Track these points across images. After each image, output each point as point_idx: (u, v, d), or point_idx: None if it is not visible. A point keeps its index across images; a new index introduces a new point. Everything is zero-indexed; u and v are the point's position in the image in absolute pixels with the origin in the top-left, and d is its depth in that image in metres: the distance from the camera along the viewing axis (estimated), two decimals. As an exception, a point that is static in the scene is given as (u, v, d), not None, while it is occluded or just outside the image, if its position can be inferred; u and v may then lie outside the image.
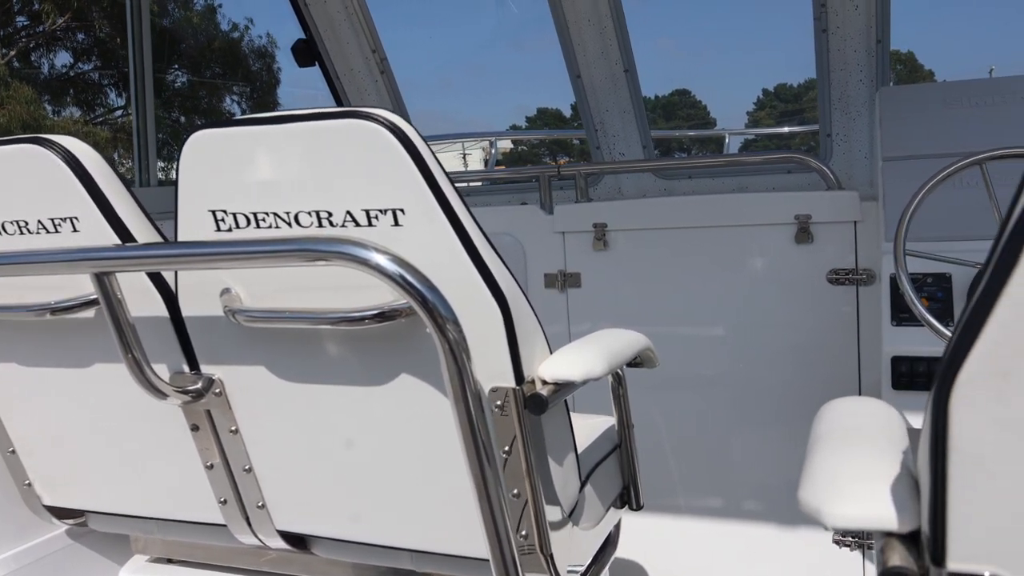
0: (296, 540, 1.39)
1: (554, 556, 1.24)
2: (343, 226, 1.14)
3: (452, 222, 1.11)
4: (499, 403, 1.16)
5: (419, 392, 1.19)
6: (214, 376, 1.30)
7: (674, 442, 2.81)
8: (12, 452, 1.55)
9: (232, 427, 1.32)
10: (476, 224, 1.16)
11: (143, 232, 1.30)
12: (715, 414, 2.77)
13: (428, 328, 1.04)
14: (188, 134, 1.20)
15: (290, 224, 1.17)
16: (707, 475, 2.79)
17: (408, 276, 1.03)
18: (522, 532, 1.21)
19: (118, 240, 1.27)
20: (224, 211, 1.20)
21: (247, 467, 1.34)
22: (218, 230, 1.21)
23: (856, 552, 2.29)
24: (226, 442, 1.33)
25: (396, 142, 1.09)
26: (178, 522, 1.47)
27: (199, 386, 1.29)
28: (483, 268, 1.13)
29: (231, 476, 1.35)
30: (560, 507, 1.27)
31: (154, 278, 1.29)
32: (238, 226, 1.20)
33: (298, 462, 1.32)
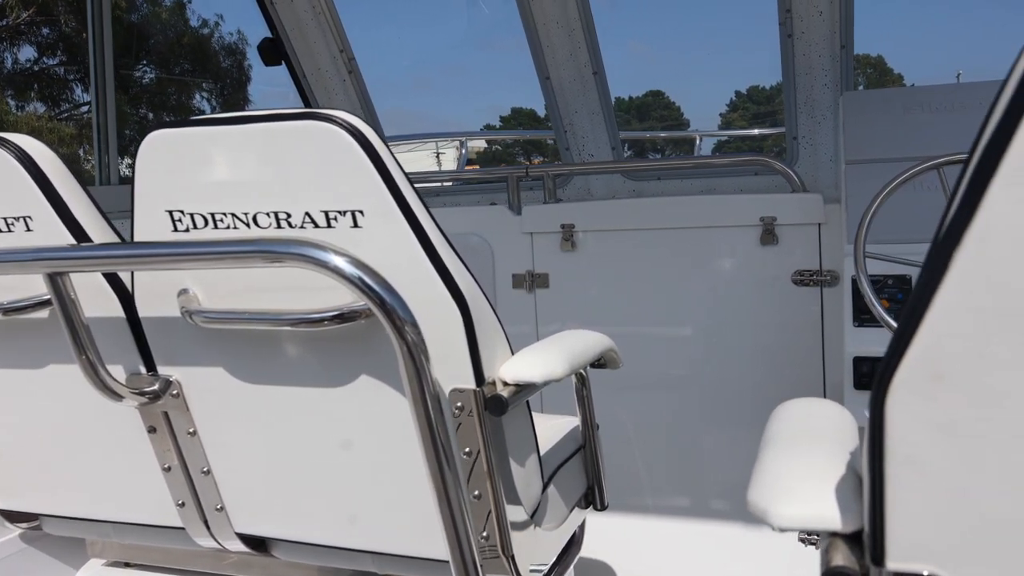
0: (256, 543, 1.38)
1: (516, 557, 1.24)
2: (302, 227, 1.14)
3: (411, 223, 1.11)
4: (459, 404, 1.16)
5: (379, 393, 1.18)
6: (171, 377, 1.28)
7: (642, 442, 2.83)
8: None
9: (190, 429, 1.30)
10: (436, 225, 1.16)
11: (99, 232, 1.28)
12: (682, 414, 2.80)
13: (386, 330, 1.04)
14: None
15: (248, 225, 1.16)
16: (674, 475, 2.81)
17: (366, 278, 1.03)
18: (483, 533, 1.21)
19: (72, 240, 1.25)
20: (181, 211, 1.18)
21: (205, 469, 1.32)
22: (175, 230, 1.19)
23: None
24: (184, 444, 1.32)
25: (355, 143, 1.08)
26: (135, 525, 1.45)
27: (156, 388, 1.27)
28: (443, 269, 1.13)
29: (189, 478, 1.34)
30: (522, 508, 1.27)
31: (110, 278, 1.27)
32: (195, 227, 1.18)
33: (257, 464, 1.30)
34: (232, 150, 1.14)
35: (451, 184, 3.49)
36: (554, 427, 1.62)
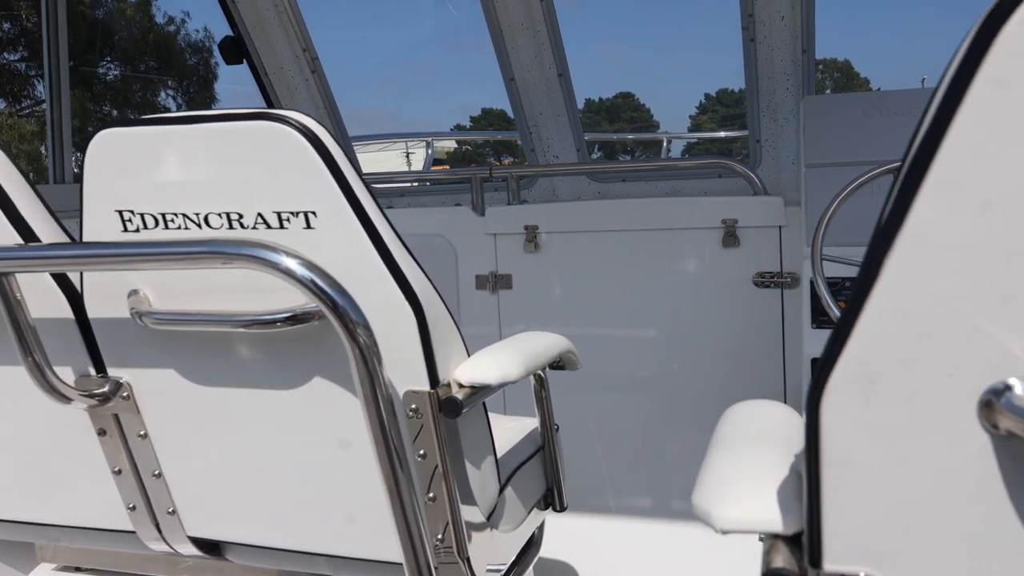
0: (209, 546, 1.36)
1: (472, 559, 1.24)
2: (254, 228, 1.13)
3: (365, 225, 1.11)
4: (414, 406, 1.16)
5: (333, 395, 1.18)
6: (121, 379, 1.26)
7: (605, 443, 2.84)
8: None
9: (141, 431, 1.28)
10: (390, 227, 1.16)
11: (47, 231, 1.26)
12: (645, 415, 2.82)
13: (338, 332, 1.04)
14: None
15: (200, 225, 1.15)
16: (637, 475, 2.83)
17: (318, 280, 1.02)
18: (439, 536, 1.21)
19: (19, 239, 1.22)
20: (131, 211, 1.17)
21: (156, 472, 1.31)
22: (125, 230, 1.18)
23: None
24: (134, 447, 1.30)
25: (307, 144, 1.08)
26: (85, 529, 1.43)
27: (105, 390, 1.25)
28: (396, 271, 1.13)
29: (140, 482, 1.32)
30: (478, 510, 1.27)
31: (58, 279, 1.25)
32: (146, 227, 1.17)
33: (210, 467, 1.29)
34: (183, 150, 1.13)
35: (416, 184, 3.48)
36: (513, 428, 1.62)
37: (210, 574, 1.52)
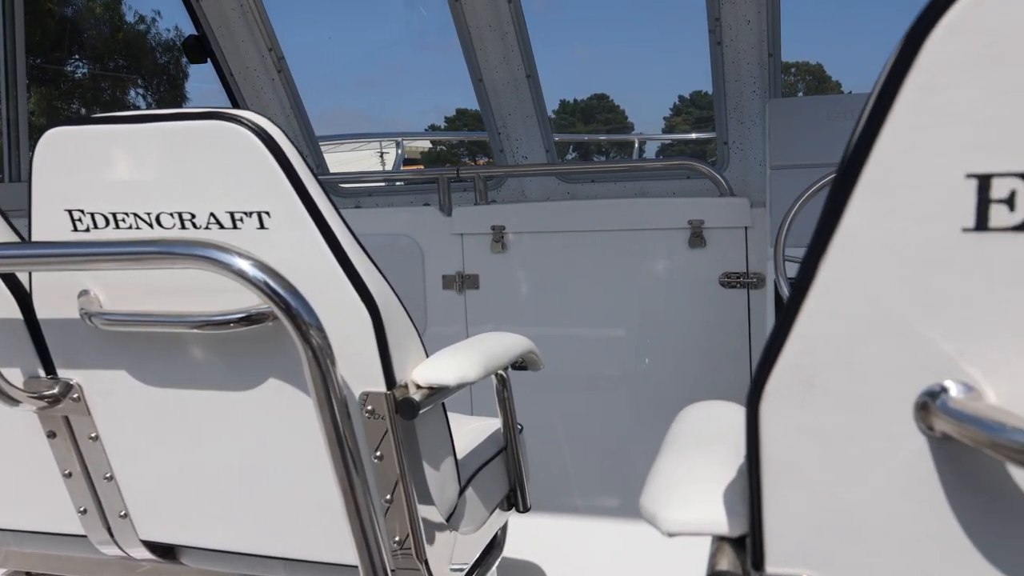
0: (163, 550, 1.34)
1: (430, 561, 1.24)
2: (207, 228, 1.12)
3: (319, 225, 1.10)
4: (370, 408, 1.15)
5: (288, 396, 1.17)
6: (72, 381, 1.24)
7: (573, 442, 2.85)
8: None
9: (92, 434, 1.27)
10: (346, 227, 1.15)
11: None
12: (613, 414, 2.82)
13: (291, 334, 1.03)
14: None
15: (151, 225, 1.13)
16: (604, 475, 2.83)
17: (270, 281, 1.01)
18: (396, 538, 1.21)
19: None
20: (81, 211, 1.15)
21: (108, 475, 1.29)
22: (75, 230, 1.16)
23: None
24: (85, 449, 1.28)
25: (260, 144, 1.07)
26: (36, 533, 1.40)
27: (55, 391, 1.23)
28: (352, 272, 1.12)
29: (91, 485, 1.30)
30: (437, 512, 1.27)
31: (7, 279, 1.23)
32: (96, 226, 1.15)
33: (163, 469, 1.27)
34: (134, 149, 1.12)
35: (385, 184, 3.47)
36: (476, 429, 1.62)
37: None
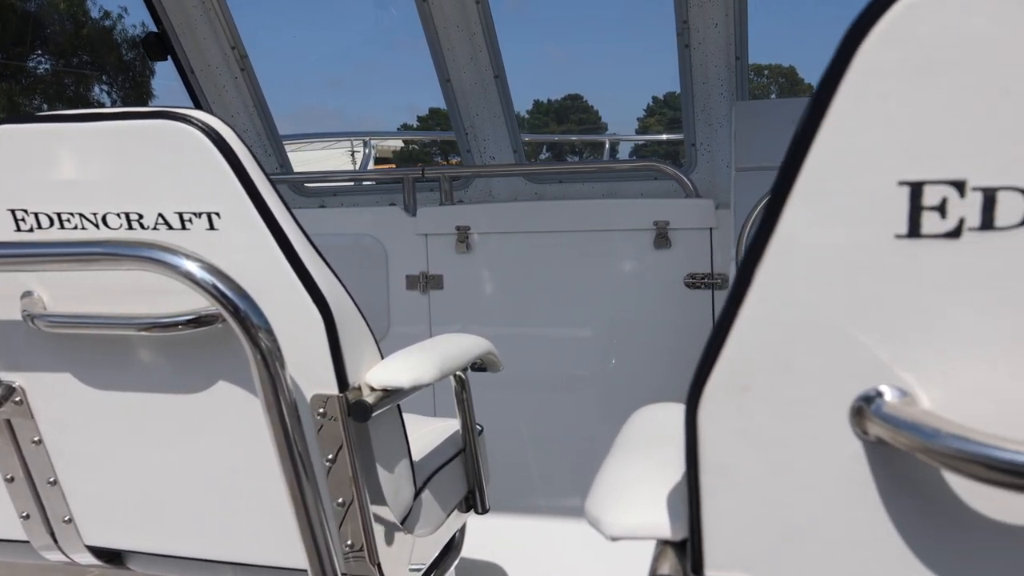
0: (110, 556, 1.32)
1: (383, 564, 1.23)
2: (155, 229, 1.10)
3: (271, 226, 1.09)
4: (322, 410, 1.14)
5: (238, 398, 1.15)
6: (14, 384, 1.21)
7: (539, 442, 2.85)
8: None
9: (35, 437, 1.24)
10: (299, 228, 1.14)
11: None
12: (579, 414, 2.83)
13: (239, 336, 1.01)
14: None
15: (97, 226, 1.11)
16: (569, 475, 2.84)
17: (218, 283, 1.00)
18: (349, 541, 1.19)
19: None
20: (25, 211, 1.12)
21: (51, 479, 1.26)
22: (18, 230, 1.13)
23: None
24: (28, 453, 1.25)
25: (210, 144, 1.05)
26: None
27: None
28: (303, 273, 1.11)
29: (34, 489, 1.27)
30: (391, 514, 1.26)
31: None
32: (40, 227, 1.13)
33: (109, 474, 1.25)
34: (80, 148, 1.09)
35: (353, 184, 3.44)
36: (435, 431, 1.61)
37: None
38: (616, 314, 2.78)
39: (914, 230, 0.56)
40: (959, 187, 0.55)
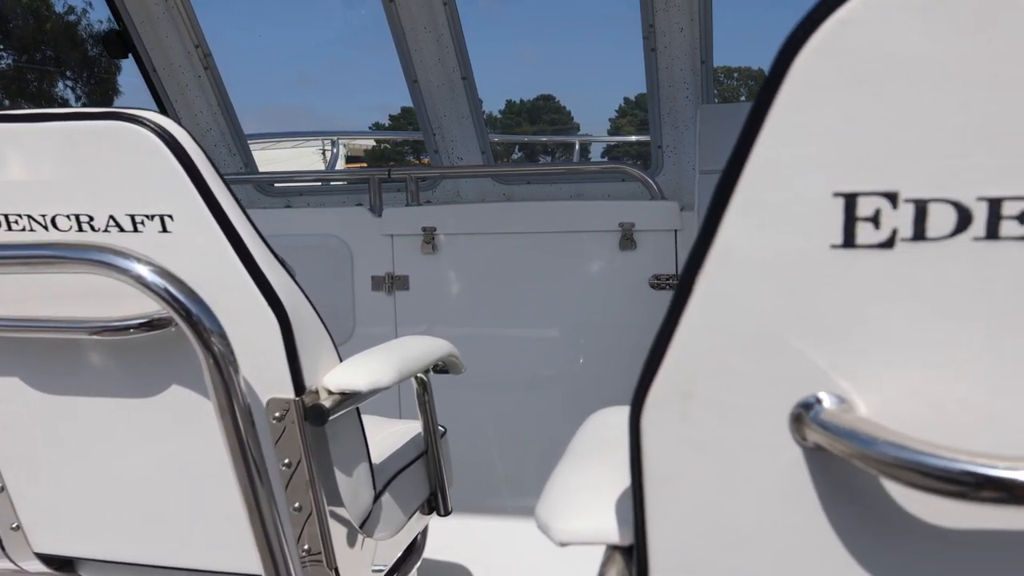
0: (61, 563, 1.30)
1: (341, 569, 1.22)
2: (106, 231, 1.08)
3: (225, 229, 1.08)
4: (277, 415, 1.13)
5: (192, 403, 1.14)
6: None
7: (506, 443, 2.85)
8: None
9: None
10: (255, 230, 1.13)
11: None
12: (545, 415, 2.83)
13: (192, 341, 1.00)
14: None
15: (46, 228, 1.09)
16: (536, 476, 2.84)
17: (170, 287, 0.99)
18: (306, 546, 1.19)
19: None
20: None
21: None
22: None
23: None
24: None
25: (162, 146, 1.04)
26: None
27: None
28: (259, 276, 1.10)
29: None
30: (349, 518, 1.25)
31: None
32: None
33: (59, 480, 1.23)
34: (29, 149, 1.08)
35: (320, 184, 3.42)
36: (397, 433, 1.60)
37: None
38: (582, 315, 2.79)
39: (849, 240, 0.57)
40: (892, 199, 0.56)
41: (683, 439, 0.64)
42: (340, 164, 6.56)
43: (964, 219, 0.55)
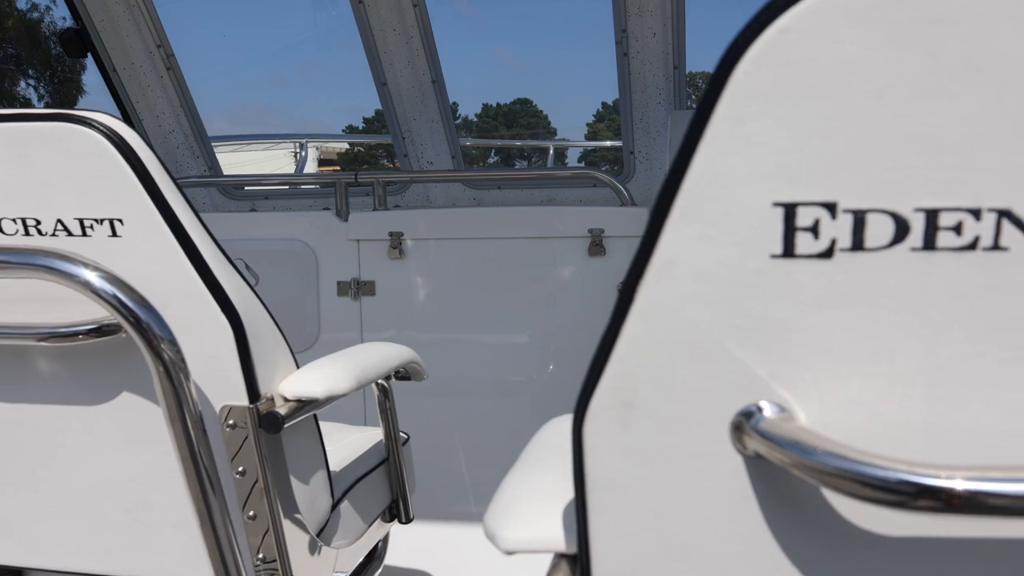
0: (8, 573, 1.27)
1: None
2: (53, 235, 1.06)
3: (177, 234, 1.06)
4: (231, 422, 1.12)
5: (144, 410, 1.12)
6: None
7: (474, 449, 2.83)
8: None
9: None
10: (208, 235, 1.11)
11: None
12: (513, 421, 2.83)
13: (141, 348, 0.98)
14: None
15: None
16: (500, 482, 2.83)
17: (119, 293, 0.97)
18: (260, 555, 1.17)
19: None
20: None
21: None
22: None
23: None
24: None
25: (111, 148, 1.02)
26: None
27: None
28: (212, 282, 1.08)
29: None
30: (305, 526, 1.24)
31: None
32: None
33: (7, 489, 1.20)
34: None
35: (289, 188, 3.38)
36: (358, 440, 1.59)
37: None
38: (551, 321, 2.79)
39: (789, 250, 0.57)
40: (831, 209, 0.56)
41: (625, 448, 0.64)
42: (312, 167, 6.50)
43: (902, 229, 0.56)
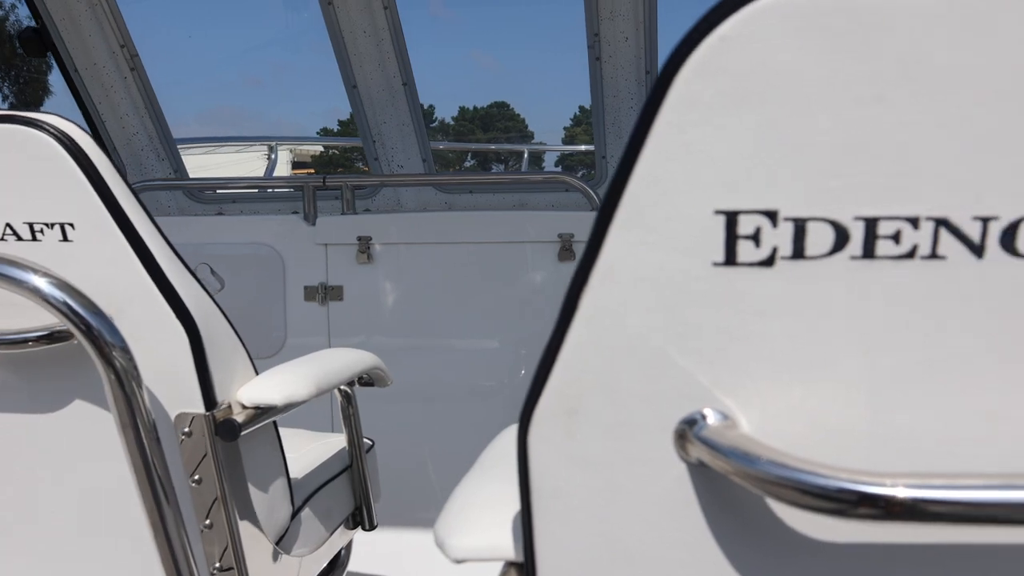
0: None
1: None
2: (2, 240, 1.04)
3: (131, 239, 1.04)
4: (186, 430, 1.10)
5: (96, 418, 1.10)
6: None
7: (442, 455, 2.82)
8: None
9: None
10: (164, 240, 1.10)
11: None
12: (484, 426, 2.82)
13: (92, 356, 0.97)
14: None
15: None
16: None
17: (69, 299, 0.95)
18: (216, 564, 1.16)
19: None
20: None
21: None
22: None
23: None
24: None
25: (63, 151, 1.00)
26: None
27: None
28: (167, 288, 1.07)
29: None
30: (263, 535, 1.22)
31: None
32: None
33: None
34: None
35: (258, 191, 3.35)
36: (321, 447, 1.58)
37: None
38: (521, 326, 2.79)
39: (730, 258, 0.58)
40: (772, 217, 0.57)
41: (570, 456, 0.63)
42: (285, 170, 6.44)
43: (841, 238, 0.56)
